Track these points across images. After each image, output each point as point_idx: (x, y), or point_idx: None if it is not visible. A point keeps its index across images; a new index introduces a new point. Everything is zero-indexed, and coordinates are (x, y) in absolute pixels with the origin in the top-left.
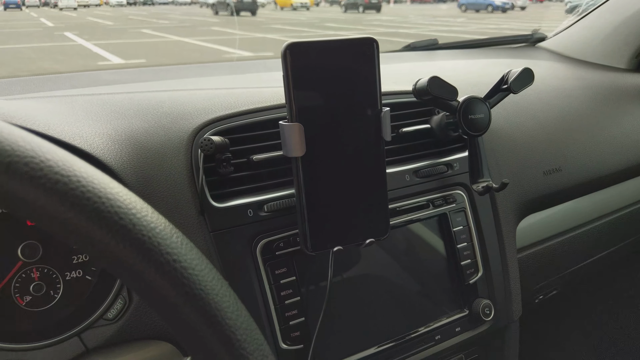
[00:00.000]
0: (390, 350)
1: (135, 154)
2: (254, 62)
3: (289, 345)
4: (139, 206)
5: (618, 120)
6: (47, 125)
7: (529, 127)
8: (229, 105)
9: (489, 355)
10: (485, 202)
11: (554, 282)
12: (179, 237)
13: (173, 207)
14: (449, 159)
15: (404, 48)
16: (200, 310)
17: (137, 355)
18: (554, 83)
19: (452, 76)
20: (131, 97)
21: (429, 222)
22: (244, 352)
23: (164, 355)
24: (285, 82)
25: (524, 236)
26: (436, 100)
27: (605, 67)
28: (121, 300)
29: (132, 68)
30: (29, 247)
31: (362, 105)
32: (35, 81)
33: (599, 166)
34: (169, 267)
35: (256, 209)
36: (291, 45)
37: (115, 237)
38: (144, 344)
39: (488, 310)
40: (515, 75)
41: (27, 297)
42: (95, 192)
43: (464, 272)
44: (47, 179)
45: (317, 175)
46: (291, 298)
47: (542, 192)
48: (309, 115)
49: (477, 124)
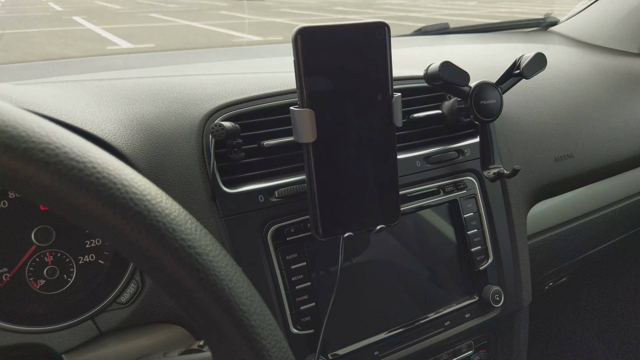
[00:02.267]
0: (400, 335)
1: (146, 140)
2: (263, 46)
3: (299, 330)
4: (154, 192)
5: (631, 106)
6: (58, 111)
7: (541, 112)
8: (240, 91)
9: (498, 341)
10: (496, 188)
11: (564, 269)
12: (193, 223)
13: (184, 192)
14: (460, 145)
15: (415, 32)
16: (214, 296)
17: (150, 338)
18: (566, 68)
19: (464, 61)
20: (141, 82)
21: (439, 209)
22: (258, 337)
23: (177, 339)
24: (296, 67)
25: (534, 223)
26: (448, 86)
27: (618, 52)
28: (134, 285)
29: (141, 53)
30: (43, 232)
31: (373, 90)
32: (45, 66)
33: (611, 152)
34: (184, 253)
35: (267, 195)
36: (302, 29)
37: (130, 222)
38: (157, 327)
39: (498, 296)
40: (527, 61)
41: (41, 281)
42: (110, 178)
43: (474, 258)
44: (63, 165)
45: (328, 161)
46: (302, 283)
47: (554, 179)
48: (319, 100)
49: (489, 110)
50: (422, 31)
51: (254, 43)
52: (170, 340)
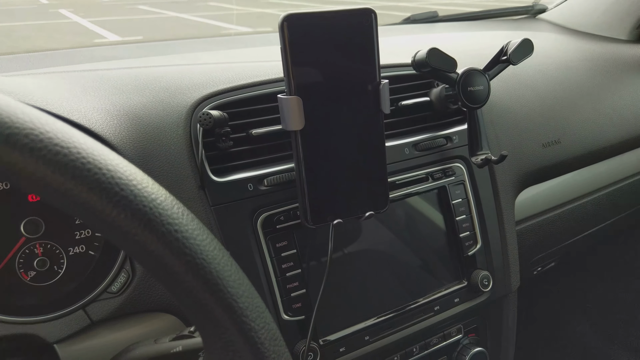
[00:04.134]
0: (390, 320)
1: (134, 129)
2: (251, 36)
3: (290, 316)
4: (140, 177)
5: (618, 92)
6: (45, 101)
7: (529, 99)
8: (228, 80)
9: (487, 325)
10: (484, 174)
11: (552, 254)
12: (179, 208)
13: (173, 181)
14: (448, 131)
15: (404, 21)
16: (202, 279)
17: (142, 327)
18: (554, 55)
19: (452, 48)
20: (129, 72)
21: (428, 195)
22: (246, 320)
23: (168, 327)
24: (283, 54)
25: (522, 208)
26: (435, 73)
27: (606, 39)
28: (124, 274)
29: (128, 44)
30: (32, 223)
31: (361, 77)
32: (31, 58)
33: (599, 138)
34: (171, 237)
35: (256, 183)
36: (288, 16)
37: (116, 207)
38: (148, 316)
39: (486, 281)
40: (514, 47)
41: (31, 273)
42: (95, 163)
43: (463, 244)
44: (48, 150)
45: (316, 149)
46: (292, 270)
47: (541, 165)
48: (307, 88)
49: (477, 96)
50: (410, 19)
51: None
52: (161, 329)
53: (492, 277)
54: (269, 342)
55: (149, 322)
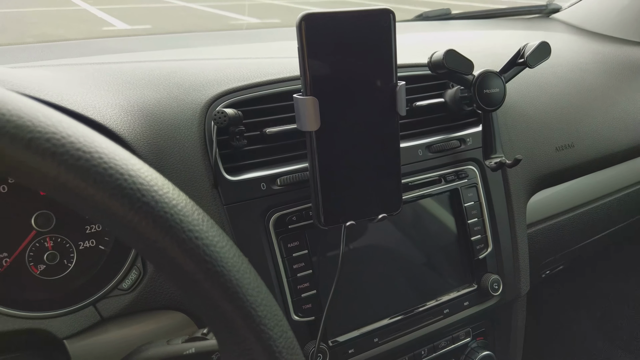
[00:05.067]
0: (400, 323)
1: (148, 126)
2: (262, 30)
3: (300, 317)
4: (161, 183)
5: (632, 96)
6: (59, 96)
7: (543, 102)
8: (242, 77)
9: (495, 328)
10: (496, 177)
11: (561, 258)
12: (200, 214)
13: (187, 180)
14: (462, 133)
15: (416, 18)
16: (221, 287)
17: (152, 324)
18: (568, 56)
19: (465, 48)
20: (141, 66)
21: (440, 197)
22: (265, 328)
23: (178, 326)
24: (300, 53)
25: (534, 212)
26: (451, 74)
27: (620, 40)
28: (136, 271)
29: (139, 35)
30: (43, 217)
31: (378, 78)
32: (42, 48)
33: (612, 142)
34: (191, 244)
35: (269, 183)
36: (307, 16)
37: (137, 214)
38: (159, 314)
39: (497, 285)
40: (532, 50)
41: (41, 266)
42: (117, 168)
43: (474, 247)
44: (70, 155)
45: (331, 150)
46: (303, 271)
47: (554, 168)
48: (323, 88)
49: (492, 99)
50: (423, 16)
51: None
52: (172, 327)
53: (502, 281)
54: (286, 350)
55: (160, 319)
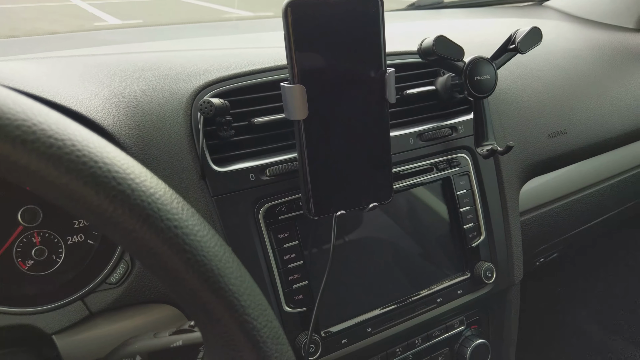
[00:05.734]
0: (393, 312)
1: (133, 117)
2: (253, 21)
3: (292, 308)
4: (138, 171)
5: (625, 82)
6: (40, 87)
7: (535, 88)
8: (229, 67)
9: (489, 317)
10: (489, 165)
11: (555, 245)
12: (179, 203)
13: (173, 171)
14: (453, 121)
15: (409, 7)
16: (203, 277)
17: (141, 318)
18: (560, 43)
19: (457, 36)
20: (128, 58)
21: (432, 186)
22: (248, 318)
23: (168, 319)
24: (287, 41)
25: (527, 199)
26: (442, 61)
27: (614, 27)
28: (124, 265)
29: (128, 28)
30: (29, 212)
31: (366, 66)
32: (30, 42)
33: (605, 129)
34: (170, 234)
35: (258, 173)
36: (292, 2)
37: (113, 202)
38: (148, 307)
39: (490, 273)
40: (522, 35)
41: (29, 262)
42: (91, 156)
43: (467, 235)
44: (41, 142)
45: (319, 139)
46: (294, 262)
47: (547, 155)
48: (311, 76)
49: (483, 86)
50: (415, 5)
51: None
52: (161, 320)
53: (496, 269)
54: (271, 340)
55: (149, 313)
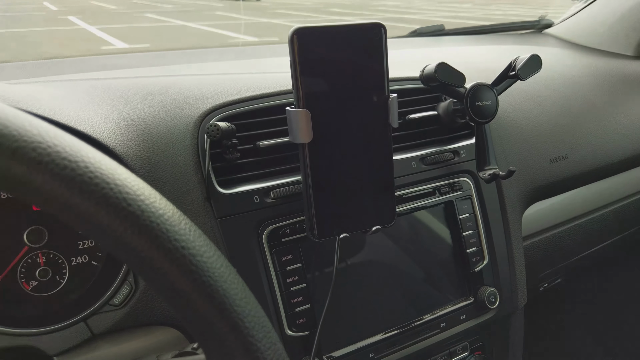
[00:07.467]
0: (396, 337)
1: (141, 140)
2: (259, 47)
3: (294, 331)
4: (147, 192)
5: (625, 108)
6: (52, 110)
7: (536, 114)
8: (235, 91)
9: (493, 342)
10: (491, 189)
11: (559, 270)
12: (187, 224)
13: (179, 193)
14: (455, 146)
15: (410, 34)
16: (208, 297)
17: (144, 340)
18: (560, 70)
19: (459, 62)
20: (136, 82)
21: (435, 210)
22: (252, 340)
23: (170, 341)
24: (292, 67)
25: (530, 224)
26: (443, 87)
27: (612, 54)
28: (127, 286)
29: (136, 52)
30: (35, 233)
31: (370, 91)
32: (40, 65)
33: (606, 154)
34: (178, 254)
35: (262, 196)
36: (298, 30)
37: (123, 223)
38: (151, 329)
39: (493, 298)
40: (523, 62)
41: (33, 282)
42: (103, 177)
43: (470, 259)
44: (55, 164)
45: (323, 162)
46: (297, 285)
47: (549, 180)
48: (316, 101)
49: (485, 111)
50: (417, 32)
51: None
52: (163, 343)
53: (499, 294)
54: None
55: (151, 335)
